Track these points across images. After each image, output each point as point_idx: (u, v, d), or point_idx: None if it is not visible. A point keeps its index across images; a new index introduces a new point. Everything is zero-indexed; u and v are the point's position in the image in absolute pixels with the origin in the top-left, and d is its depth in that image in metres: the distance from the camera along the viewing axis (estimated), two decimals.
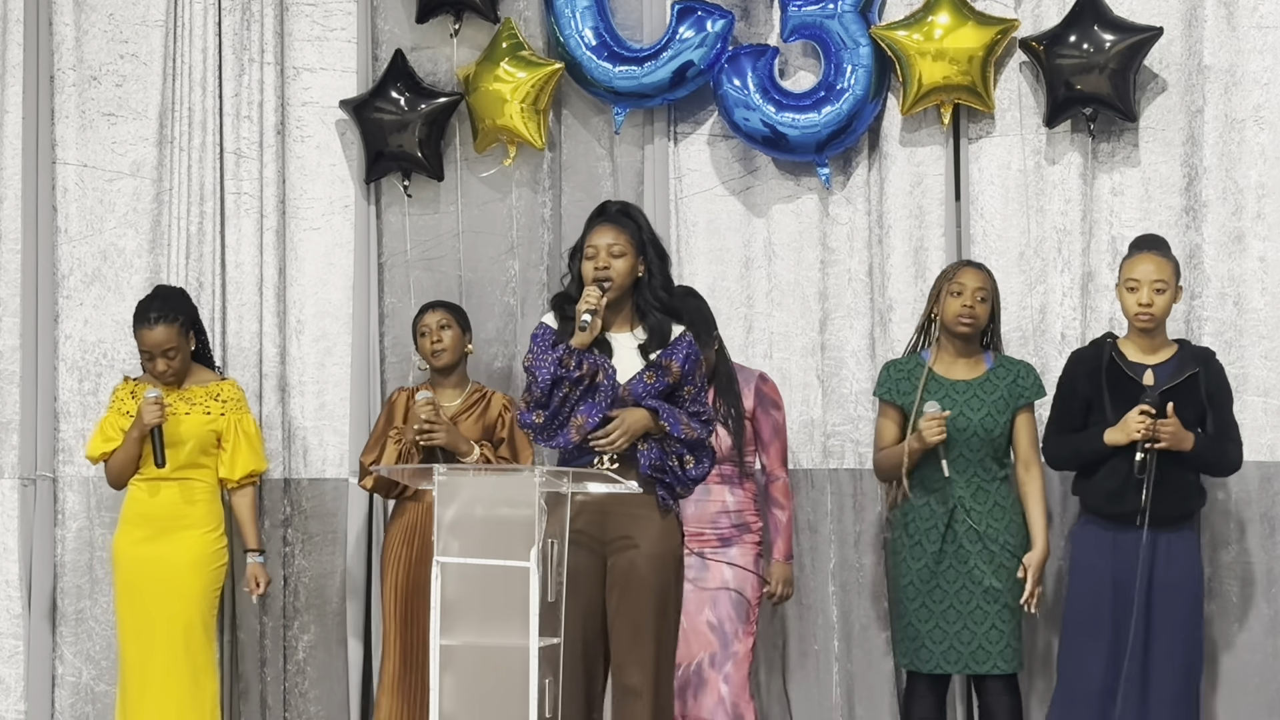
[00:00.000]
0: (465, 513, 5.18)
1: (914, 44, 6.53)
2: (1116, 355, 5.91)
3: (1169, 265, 5.90)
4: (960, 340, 6.08)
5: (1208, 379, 5.88)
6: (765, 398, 6.23)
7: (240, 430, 6.52)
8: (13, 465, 7.09)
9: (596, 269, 5.33)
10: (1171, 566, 5.80)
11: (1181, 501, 5.85)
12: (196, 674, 6.41)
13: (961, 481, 6.01)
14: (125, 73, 7.15)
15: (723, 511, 6.13)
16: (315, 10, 7.10)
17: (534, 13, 6.93)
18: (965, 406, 6.02)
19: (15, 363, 7.11)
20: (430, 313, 6.51)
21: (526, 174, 6.96)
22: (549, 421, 5.32)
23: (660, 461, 5.30)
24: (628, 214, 5.44)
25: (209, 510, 6.50)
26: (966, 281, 6.06)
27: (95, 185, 7.14)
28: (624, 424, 5.27)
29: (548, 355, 5.30)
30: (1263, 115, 6.47)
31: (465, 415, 6.44)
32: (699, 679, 6.08)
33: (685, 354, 5.37)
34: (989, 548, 5.97)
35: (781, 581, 6.20)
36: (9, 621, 7.07)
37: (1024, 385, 6.06)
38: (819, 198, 6.77)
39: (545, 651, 5.11)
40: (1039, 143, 6.61)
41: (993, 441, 6.01)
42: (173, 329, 6.42)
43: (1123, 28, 6.44)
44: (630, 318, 5.41)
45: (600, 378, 5.30)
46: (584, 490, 5.26)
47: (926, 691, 6.07)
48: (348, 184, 7.09)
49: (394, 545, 6.45)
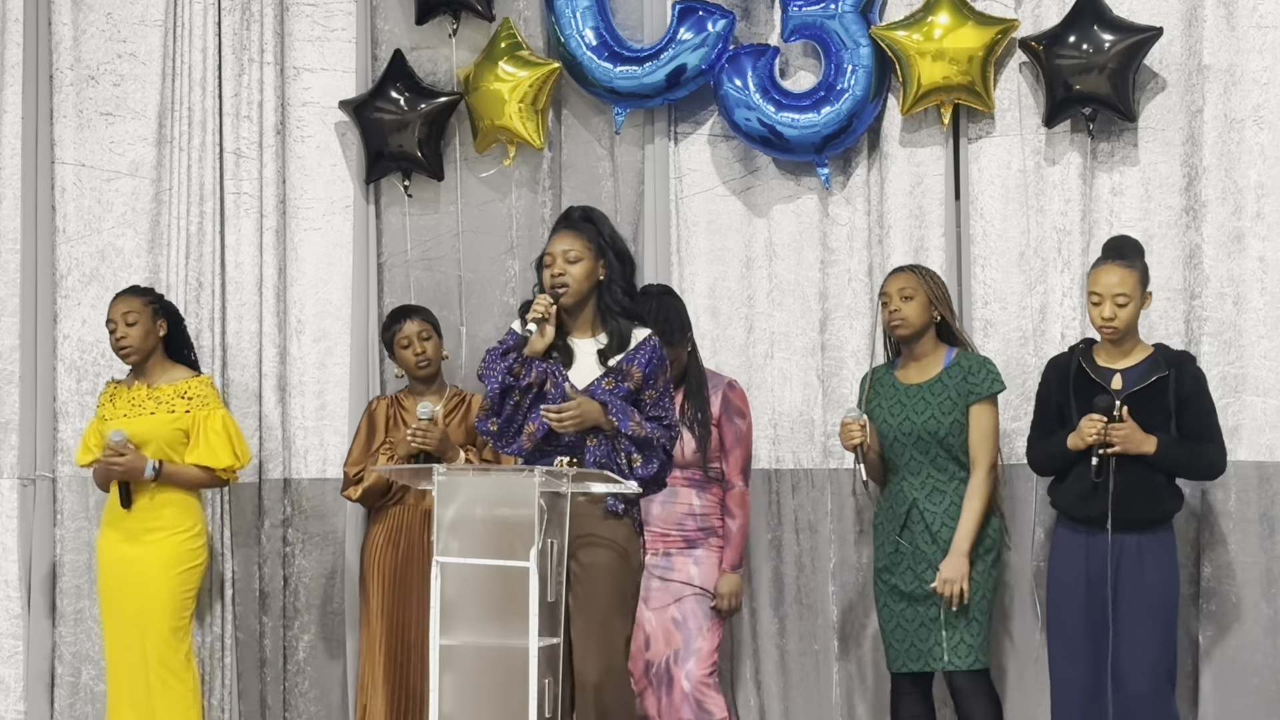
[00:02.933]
0: (465, 513, 5.19)
1: (914, 44, 6.53)
2: (1085, 361, 5.93)
3: (1133, 275, 5.88)
4: (907, 343, 6.13)
5: (1179, 382, 5.87)
6: (731, 405, 6.23)
7: (207, 427, 6.49)
8: (12, 465, 7.09)
9: (553, 276, 5.38)
10: (1144, 569, 5.80)
11: (1151, 505, 5.84)
12: (166, 676, 6.40)
13: (916, 483, 6.05)
14: (124, 72, 7.15)
15: (689, 514, 6.16)
16: (315, 10, 7.10)
17: (534, 13, 6.93)
18: (911, 410, 6.06)
19: (14, 363, 7.11)
20: (408, 322, 6.51)
21: (526, 174, 6.96)
22: (503, 429, 5.40)
23: (608, 459, 5.36)
24: (589, 219, 5.48)
25: (181, 511, 6.47)
26: (889, 288, 6.13)
27: (94, 185, 7.13)
28: (580, 407, 5.32)
29: (498, 364, 5.37)
30: (1262, 115, 6.46)
31: (448, 420, 6.45)
32: (667, 677, 6.12)
33: (648, 359, 5.41)
34: (943, 548, 5.99)
35: (729, 594, 6.17)
36: (9, 621, 7.07)
37: (975, 381, 6.07)
38: (819, 198, 6.77)
39: (545, 651, 5.12)
40: (1039, 143, 6.61)
41: (942, 442, 6.03)
42: (137, 302, 6.48)
43: (1122, 28, 6.44)
44: (592, 323, 5.46)
45: (549, 385, 5.34)
46: (585, 490, 5.27)
47: (908, 690, 6.10)
48: (348, 184, 7.09)
49: (377, 546, 6.46)
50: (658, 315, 5.96)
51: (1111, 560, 5.79)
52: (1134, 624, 5.80)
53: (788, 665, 6.71)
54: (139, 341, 6.47)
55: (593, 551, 5.34)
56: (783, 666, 6.71)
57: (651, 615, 6.12)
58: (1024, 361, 6.54)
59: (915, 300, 6.08)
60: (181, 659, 6.44)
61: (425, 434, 6.26)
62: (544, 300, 5.35)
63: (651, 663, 6.14)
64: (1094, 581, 5.84)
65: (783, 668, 6.71)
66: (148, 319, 6.49)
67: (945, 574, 5.94)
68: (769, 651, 6.69)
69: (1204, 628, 6.35)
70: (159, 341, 6.54)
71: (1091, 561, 5.84)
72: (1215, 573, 6.37)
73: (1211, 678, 6.35)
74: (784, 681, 6.71)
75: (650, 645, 6.13)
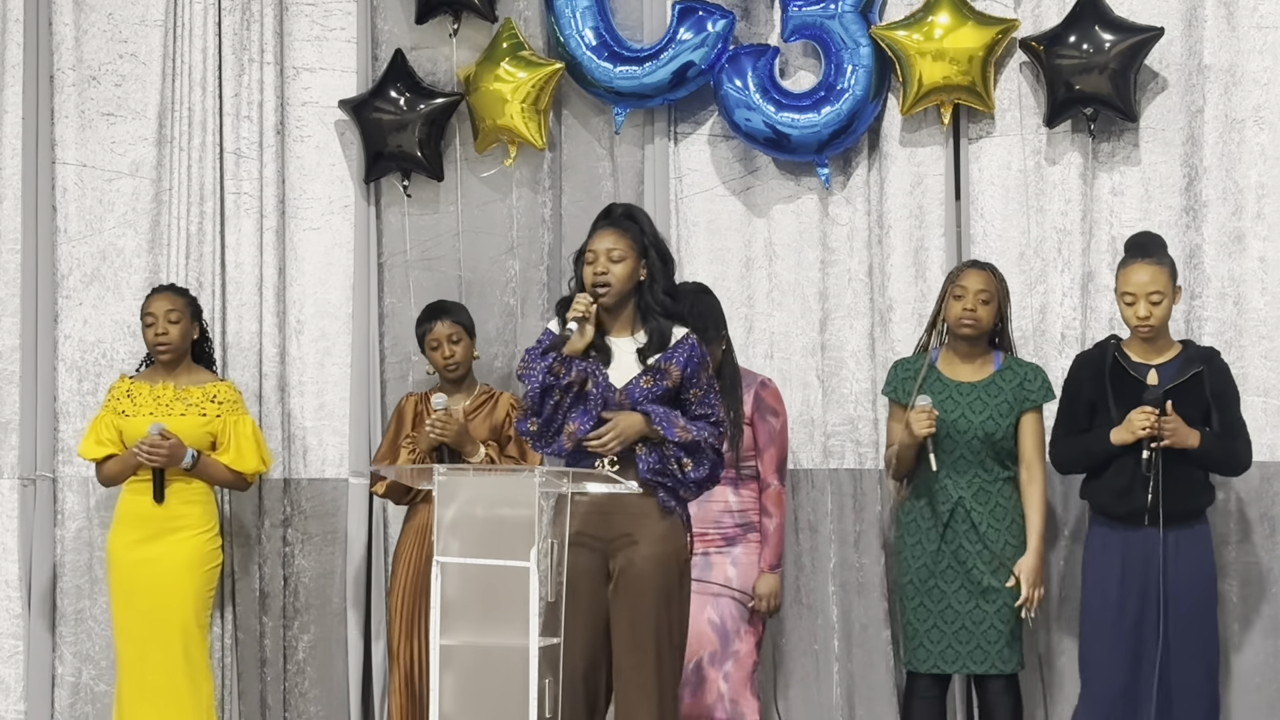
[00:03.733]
0: (465, 513, 5.18)
1: (914, 44, 6.53)
2: (1120, 356, 5.92)
3: (1164, 272, 5.88)
4: (964, 342, 6.08)
5: (1212, 378, 5.89)
6: (764, 404, 6.21)
7: (236, 432, 6.52)
8: (12, 465, 7.09)
9: (595, 274, 5.33)
10: (1182, 563, 5.82)
11: (1190, 498, 5.86)
12: (193, 674, 6.41)
13: (963, 482, 6.01)
14: (125, 72, 7.15)
15: (726, 511, 6.12)
16: (315, 10, 7.10)
17: (534, 13, 6.93)
18: (967, 408, 6.01)
19: (15, 363, 7.11)
20: (440, 323, 6.48)
21: (527, 174, 6.96)
22: (543, 429, 5.33)
23: (660, 465, 5.29)
24: (631, 217, 5.42)
25: (204, 512, 6.49)
26: (969, 284, 6.05)
27: (95, 185, 7.13)
28: (617, 427, 5.26)
29: (538, 363, 5.31)
30: (1263, 115, 6.47)
31: (473, 416, 6.44)
32: (699, 676, 6.08)
33: (686, 357, 5.35)
34: (989, 548, 5.97)
35: (768, 595, 6.14)
36: (9, 621, 7.07)
37: (1030, 389, 6.05)
38: (819, 198, 6.77)
39: (545, 651, 5.11)
40: (1039, 143, 6.61)
41: (994, 444, 6.00)
42: (181, 300, 6.54)
43: (1123, 28, 6.44)
44: (631, 322, 5.40)
45: (590, 385, 5.30)
46: (583, 490, 5.26)
47: (926, 691, 6.07)
48: (347, 184, 7.09)
49: (405, 548, 6.46)
50: (693, 312, 5.91)
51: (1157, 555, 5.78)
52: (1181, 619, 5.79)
53: (788, 665, 6.71)
54: (179, 341, 6.50)
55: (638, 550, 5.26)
56: (783, 666, 6.71)
57: None
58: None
59: (991, 305, 6.05)
60: (206, 657, 6.46)
61: (444, 426, 6.25)
62: (584, 300, 5.29)
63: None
64: (1130, 577, 5.82)
65: (783, 668, 6.71)
66: (188, 319, 6.54)
67: (1028, 574, 5.90)
68: (769, 651, 6.69)
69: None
70: (190, 344, 6.56)
71: (1130, 557, 5.82)
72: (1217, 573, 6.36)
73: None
74: (784, 681, 6.70)
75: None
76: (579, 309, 5.28)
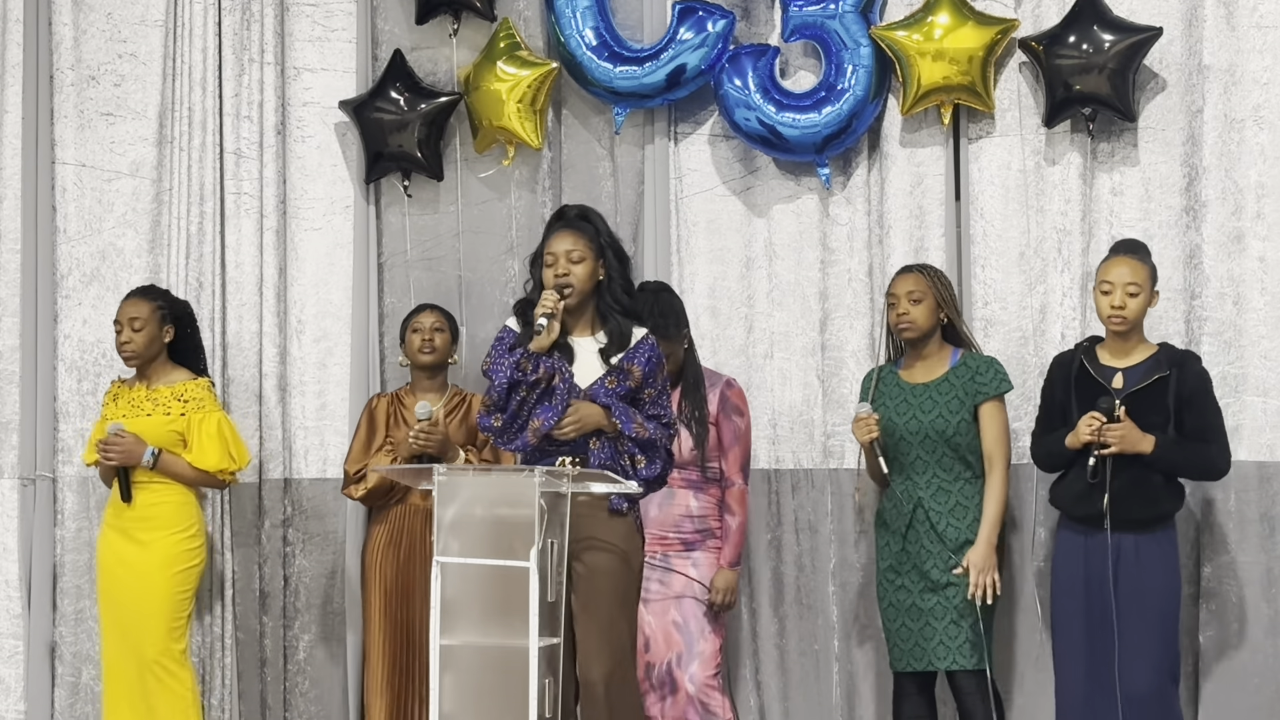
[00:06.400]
0: (465, 513, 5.19)
1: (914, 44, 6.53)
2: (1088, 359, 5.94)
3: (1144, 269, 5.90)
4: (910, 344, 6.12)
5: (1181, 382, 5.86)
6: (729, 403, 6.23)
7: (201, 430, 6.49)
8: (12, 465, 7.09)
9: (557, 275, 5.39)
10: (1143, 569, 5.80)
11: (1148, 505, 5.84)
12: (163, 675, 6.39)
13: (921, 482, 6.05)
14: (124, 72, 7.15)
15: (686, 516, 6.17)
16: (315, 10, 7.10)
17: (534, 13, 6.93)
18: (918, 409, 6.06)
19: (15, 363, 7.11)
20: (427, 313, 6.56)
21: (526, 174, 6.96)
22: (507, 424, 5.39)
23: (611, 461, 5.37)
24: (586, 218, 5.50)
25: (178, 512, 6.47)
26: (897, 289, 6.13)
27: (94, 185, 7.14)
28: (577, 413, 5.33)
29: (505, 359, 5.37)
30: (1262, 115, 6.46)
31: (448, 419, 6.45)
32: (670, 680, 6.12)
33: (647, 357, 5.43)
34: (947, 546, 5.99)
35: (724, 590, 6.18)
36: (9, 621, 7.07)
37: (983, 381, 6.07)
38: (819, 198, 6.77)
39: (545, 651, 5.12)
40: (1039, 143, 6.61)
41: (949, 441, 6.03)
42: (146, 307, 6.48)
43: (1122, 28, 6.44)
44: (591, 322, 5.47)
45: (557, 381, 5.35)
46: (586, 490, 5.28)
47: (911, 690, 6.11)
48: (348, 184, 7.09)
49: (378, 547, 6.47)
50: (654, 310, 5.98)
51: (1111, 560, 5.80)
52: (1134, 624, 5.80)
53: (788, 665, 6.71)
54: (141, 348, 6.48)
55: (595, 554, 5.34)
56: (783, 666, 6.71)
57: (651, 618, 6.12)
58: (1024, 361, 6.54)
59: (924, 303, 6.08)
60: (177, 658, 6.43)
61: (427, 436, 6.27)
62: (552, 296, 5.36)
63: (652, 665, 6.14)
64: (1093, 581, 5.85)
65: (783, 668, 6.71)
66: (154, 325, 6.49)
67: (975, 562, 5.93)
68: (769, 651, 6.69)
69: (1204, 628, 6.35)
70: (164, 346, 6.54)
71: (1090, 561, 5.85)
72: (1215, 573, 6.37)
73: (1212, 678, 6.35)
74: (784, 681, 6.71)
75: (650, 648, 6.13)
76: (547, 305, 5.35)
